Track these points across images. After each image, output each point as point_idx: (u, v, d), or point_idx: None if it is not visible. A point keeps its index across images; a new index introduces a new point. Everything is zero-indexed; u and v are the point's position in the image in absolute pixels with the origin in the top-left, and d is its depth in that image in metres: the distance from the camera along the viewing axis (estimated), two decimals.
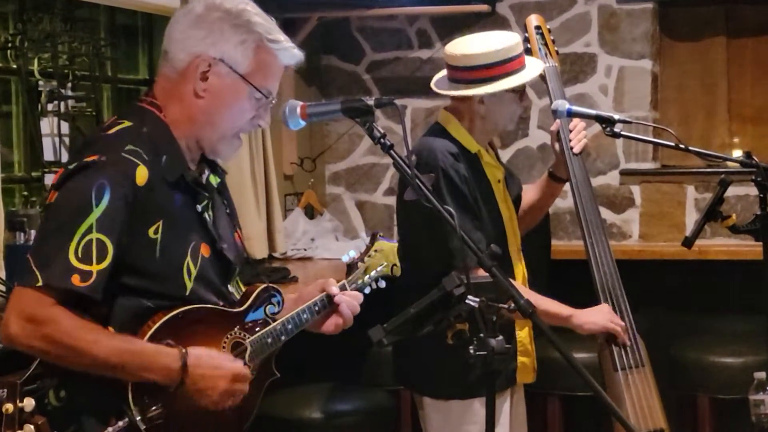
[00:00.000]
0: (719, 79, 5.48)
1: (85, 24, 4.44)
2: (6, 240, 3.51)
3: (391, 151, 2.39)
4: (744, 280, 3.85)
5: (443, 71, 3.45)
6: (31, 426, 2.06)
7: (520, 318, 2.63)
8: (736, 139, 5.52)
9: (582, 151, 3.62)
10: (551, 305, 3.42)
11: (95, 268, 2.21)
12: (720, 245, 5.07)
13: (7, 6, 4.09)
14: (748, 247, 4.66)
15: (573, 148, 3.59)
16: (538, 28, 3.81)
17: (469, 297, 2.32)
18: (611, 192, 5.44)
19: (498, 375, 2.34)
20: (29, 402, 2.07)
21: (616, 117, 3.27)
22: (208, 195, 2.46)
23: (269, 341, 2.48)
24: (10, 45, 4.05)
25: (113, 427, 2.21)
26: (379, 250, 2.76)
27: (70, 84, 4.26)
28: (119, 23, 4.73)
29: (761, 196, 3.28)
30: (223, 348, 2.40)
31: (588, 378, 2.30)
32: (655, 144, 4.95)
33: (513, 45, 3.36)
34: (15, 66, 4.09)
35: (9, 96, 4.18)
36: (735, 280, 4.99)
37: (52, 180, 2.39)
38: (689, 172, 5.36)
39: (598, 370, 3.49)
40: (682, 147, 3.30)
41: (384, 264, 2.77)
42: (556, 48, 3.84)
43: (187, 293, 2.35)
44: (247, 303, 2.48)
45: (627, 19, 5.39)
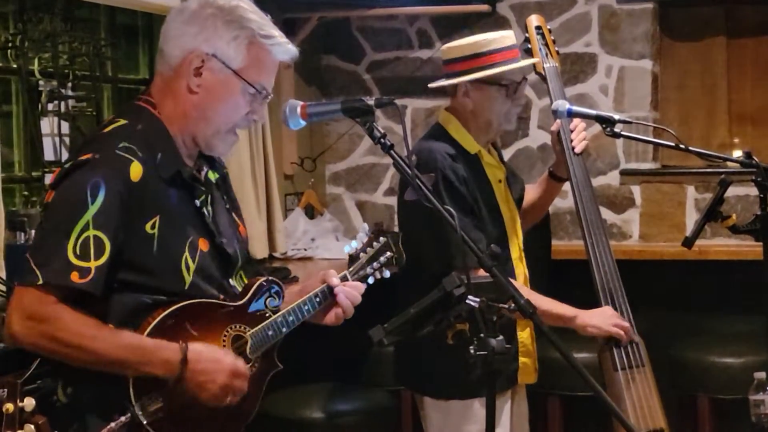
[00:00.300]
0: (719, 79, 5.48)
1: (86, 24, 4.44)
2: (6, 240, 3.51)
3: (392, 151, 2.40)
4: (744, 280, 3.84)
5: None
6: (32, 426, 2.07)
7: (521, 318, 2.63)
8: (736, 139, 5.52)
9: (583, 151, 3.62)
10: (554, 306, 3.41)
11: (93, 264, 2.25)
12: (720, 245, 5.07)
13: (8, 6, 4.09)
14: (748, 247, 4.66)
15: (575, 148, 3.59)
16: (538, 28, 3.81)
17: (470, 297, 2.32)
18: (611, 192, 5.43)
19: (499, 375, 2.34)
20: (29, 402, 2.08)
21: (616, 117, 3.26)
22: (205, 190, 2.47)
23: (270, 333, 2.49)
24: (10, 45, 4.05)
25: (116, 422, 2.23)
26: (383, 240, 2.74)
27: (70, 84, 4.27)
28: (119, 23, 4.72)
29: (761, 196, 3.27)
30: (224, 341, 2.41)
31: (588, 378, 2.30)
32: (656, 144, 4.94)
33: (496, 38, 3.37)
34: (15, 66, 4.09)
35: (9, 96, 4.18)
36: (735, 280, 4.98)
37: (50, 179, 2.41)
38: (689, 172, 5.36)
39: (598, 370, 3.49)
40: (682, 147, 3.30)
41: (388, 254, 2.73)
42: (556, 48, 3.83)
43: (186, 287, 2.37)
44: (248, 296, 2.49)
45: (627, 19, 5.39)
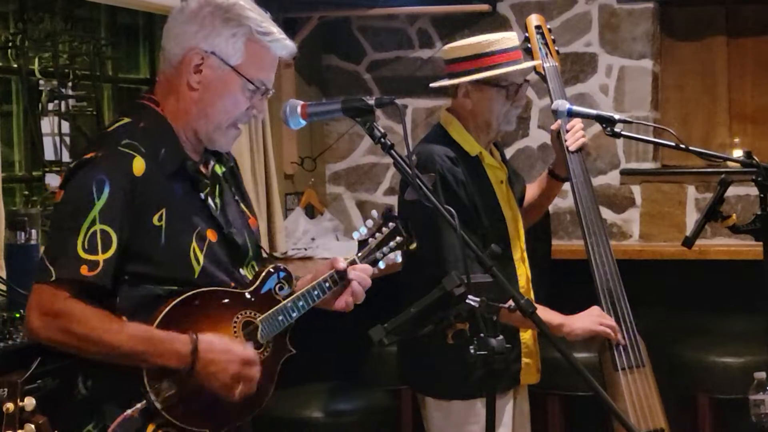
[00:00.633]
0: (719, 79, 5.48)
1: (86, 23, 4.45)
2: (6, 239, 3.51)
3: (392, 151, 2.42)
4: (744, 280, 3.85)
5: None
6: (32, 425, 2.08)
7: (519, 322, 2.63)
8: (736, 139, 5.52)
9: (581, 150, 3.60)
10: (542, 313, 3.39)
11: (101, 257, 2.33)
12: (720, 245, 5.07)
13: (8, 5, 4.09)
14: (748, 247, 4.66)
15: (569, 146, 3.57)
16: (538, 27, 3.81)
17: (470, 297, 2.32)
18: (612, 192, 5.43)
19: (499, 375, 2.34)
20: (30, 401, 2.09)
21: (616, 117, 3.27)
22: (210, 183, 2.53)
23: (280, 318, 2.52)
24: (10, 44, 4.06)
25: (132, 409, 2.30)
26: (393, 225, 2.70)
27: (70, 83, 4.27)
28: (120, 22, 4.72)
29: (761, 196, 3.28)
30: (234, 327, 2.46)
31: (588, 378, 2.30)
32: (656, 144, 4.95)
33: (498, 39, 3.36)
34: (16, 65, 4.09)
35: (9, 95, 4.18)
36: (735, 280, 4.98)
37: (54, 180, 2.48)
38: (690, 172, 5.36)
39: (598, 370, 3.49)
40: (682, 147, 3.31)
41: (398, 239, 2.70)
42: (556, 48, 3.83)
43: (196, 276, 2.43)
44: (257, 282, 2.53)
45: (627, 19, 5.39)
